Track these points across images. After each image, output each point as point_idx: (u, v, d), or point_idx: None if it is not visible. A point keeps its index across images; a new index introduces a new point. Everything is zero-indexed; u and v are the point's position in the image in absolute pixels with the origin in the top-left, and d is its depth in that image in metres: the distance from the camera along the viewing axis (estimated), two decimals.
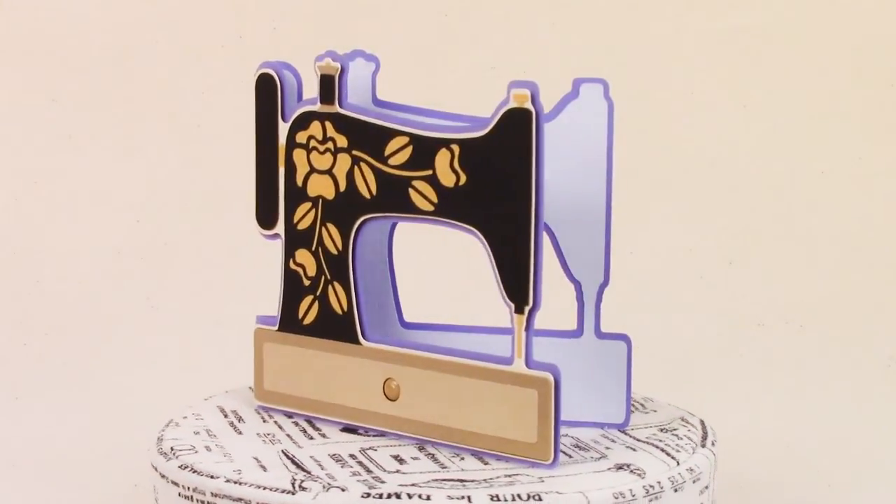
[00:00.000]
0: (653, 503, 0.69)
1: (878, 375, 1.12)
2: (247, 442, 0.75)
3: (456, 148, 0.71)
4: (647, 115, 1.20)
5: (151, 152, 1.20)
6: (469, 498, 0.66)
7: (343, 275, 0.76)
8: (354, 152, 0.74)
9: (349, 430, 0.77)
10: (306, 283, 0.77)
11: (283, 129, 0.77)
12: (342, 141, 0.75)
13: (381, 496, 0.67)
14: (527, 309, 0.70)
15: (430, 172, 0.72)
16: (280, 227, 0.78)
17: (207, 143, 1.18)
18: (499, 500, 0.67)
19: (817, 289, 1.17)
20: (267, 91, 0.77)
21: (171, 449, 0.74)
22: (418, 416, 0.75)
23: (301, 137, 0.76)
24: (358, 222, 0.75)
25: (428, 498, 0.66)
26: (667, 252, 1.18)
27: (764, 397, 1.09)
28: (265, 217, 0.79)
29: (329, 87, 0.75)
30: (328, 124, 0.75)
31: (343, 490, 0.67)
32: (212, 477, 0.70)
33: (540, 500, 0.67)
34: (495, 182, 0.70)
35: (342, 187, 0.75)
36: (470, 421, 0.73)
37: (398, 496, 0.67)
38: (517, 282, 0.70)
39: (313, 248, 0.76)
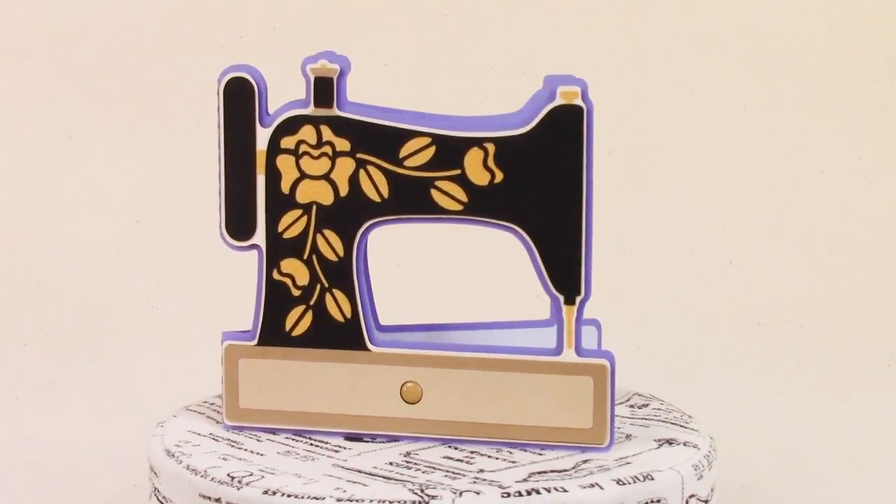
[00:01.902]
0: (710, 472, 0.73)
1: (878, 375, 1.12)
2: (285, 461, 0.72)
3: (490, 146, 0.72)
4: (647, 115, 1.20)
5: (151, 152, 1.20)
6: (599, 485, 0.68)
7: (345, 281, 0.75)
8: (359, 155, 0.74)
9: (353, 438, 0.76)
10: (296, 292, 0.75)
11: (263, 134, 0.75)
12: (343, 144, 0.74)
13: (520, 494, 0.67)
14: (578, 299, 0.72)
15: (457, 172, 0.73)
16: (259, 238, 0.76)
17: (207, 144, 1.18)
18: (622, 483, 0.68)
19: (817, 289, 1.17)
20: (240, 95, 0.74)
21: (231, 477, 0.69)
22: (445, 415, 0.74)
23: (288, 143, 0.74)
24: (364, 227, 0.74)
25: (564, 490, 0.67)
26: (666, 252, 1.18)
27: (763, 397, 1.09)
28: (239, 228, 0.75)
29: (326, 89, 0.74)
30: (324, 128, 0.74)
31: (478, 494, 0.67)
32: (317, 499, 0.66)
33: (652, 479, 0.69)
34: (541, 178, 0.71)
35: (343, 192, 0.74)
36: (510, 414, 0.73)
37: (537, 492, 0.67)
38: (568, 274, 0.72)
39: (305, 257, 0.75)
